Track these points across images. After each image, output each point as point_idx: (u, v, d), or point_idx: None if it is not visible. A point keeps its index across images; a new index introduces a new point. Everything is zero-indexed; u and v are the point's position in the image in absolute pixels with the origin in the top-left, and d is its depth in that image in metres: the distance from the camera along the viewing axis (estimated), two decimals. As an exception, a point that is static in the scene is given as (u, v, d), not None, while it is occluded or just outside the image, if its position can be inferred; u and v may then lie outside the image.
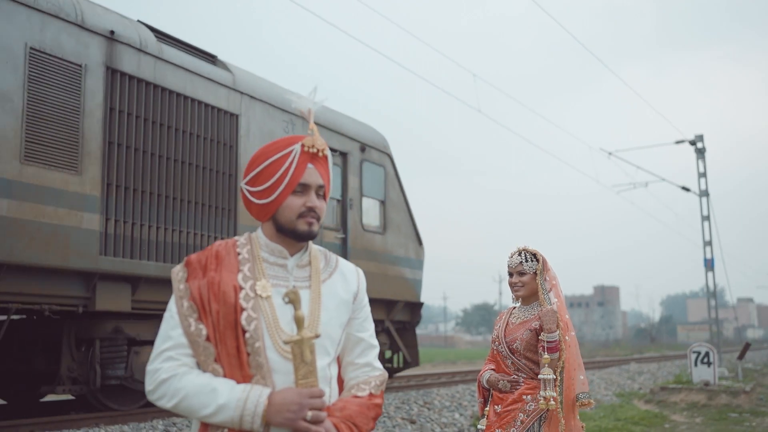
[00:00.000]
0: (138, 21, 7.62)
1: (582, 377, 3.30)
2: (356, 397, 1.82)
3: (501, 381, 3.28)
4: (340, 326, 1.84)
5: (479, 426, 3.36)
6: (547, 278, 3.35)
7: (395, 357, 11.25)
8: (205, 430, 1.72)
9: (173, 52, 7.58)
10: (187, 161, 7.54)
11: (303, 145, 1.78)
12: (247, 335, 1.71)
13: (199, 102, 7.77)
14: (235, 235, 7.55)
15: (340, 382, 1.90)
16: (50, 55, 6.30)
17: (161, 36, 7.63)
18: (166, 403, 1.71)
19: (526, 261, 3.36)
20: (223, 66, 8.47)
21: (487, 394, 3.39)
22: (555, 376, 3.11)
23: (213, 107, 7.97)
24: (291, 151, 1.78)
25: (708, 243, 20.14)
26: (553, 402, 3.06)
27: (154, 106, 7.21)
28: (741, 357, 15.72)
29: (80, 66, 6.52)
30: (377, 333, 10.60)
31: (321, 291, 1.83)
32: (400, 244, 11.23)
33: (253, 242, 1.85)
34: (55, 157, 6.27)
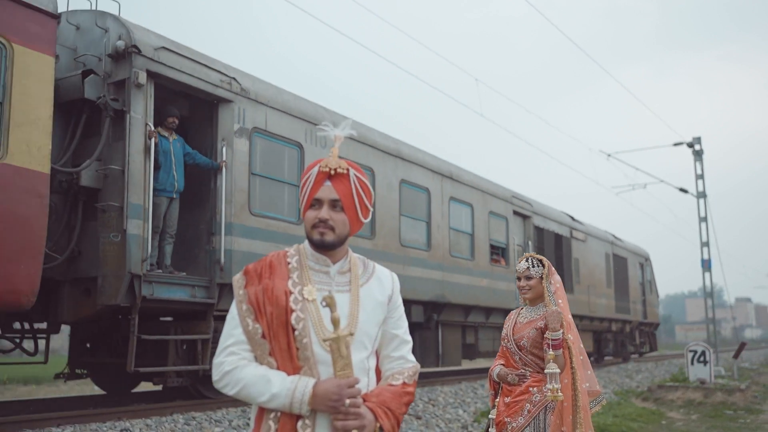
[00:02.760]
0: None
1: (589, 372, 3.64)
2: (391, 385, 2.07)
3: (510, 375, 3.62)
4: (376, 324, 2.10)
5: (490, 416, 3.69)
6: (552, 282, 3.69)
7: (645, 346, 23.96)
8: (263, 413, 1.99)
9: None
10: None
11: (319, 166, 2.06)
12: (296, 333, 1.98)
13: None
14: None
15: (378, 373, 2.15)
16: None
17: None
18: (229, 391, 2.01)
19: (533, 266, 3.70)
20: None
21: (497, 386, 3.73)
22: (559, 371, 3.43)
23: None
24: (311, 174, 2.07)
25: (705, 244, 20.41)
26: (560, 394, 3.38)
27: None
28: (737, 356, 15.99)
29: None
30: (645, 333, 23.89)
31: (359, 294, 2.08)
32: (655, 296, 25.02)
33: (301, 253, 2.12)
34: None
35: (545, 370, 3.43)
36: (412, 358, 2.20)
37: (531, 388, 3.55)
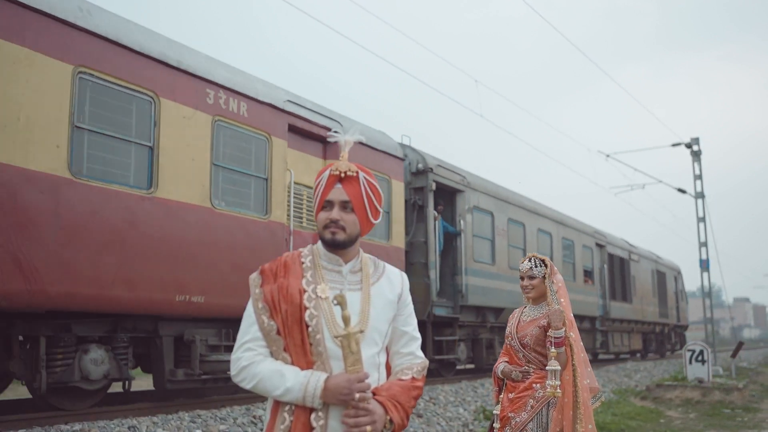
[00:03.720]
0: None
1: (589, 369, 3.74)
2: (401, 380, 2.16)
3: (514, 371, 3.73)
4: (386, 321, 2.18)
5: (494, 411, 3.79)
6: (554, 281, 3.78)
7: (677, 344, 28.01)
8: (278, 406, 2.08)
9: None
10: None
11: (330, 170, 2.15)
12: (310, 329, 2.06)
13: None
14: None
15: (389, 368, 2.23)
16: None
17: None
18: (246, 385, 2.09)
19: (536, 266, 3.80)
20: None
21: (501, 383, 3.84)
22: (561, 368, 3.53)
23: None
24: (322, 177, 2.16)
25: (704, 244, 20.50)
26: (559, 391, 3.48)
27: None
28: (734, 355, 16.10)
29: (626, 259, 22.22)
30: (678, 333, 28.30)
31: (370, 292, 2.16)
32: (685, 303, 29.36)
33: (314, 253, 2.21)
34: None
35: (547, 367, 3.54)
36: (420, 354, 2.27)
37: (534, 385, 3.65)
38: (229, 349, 7.23)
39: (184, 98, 7.14)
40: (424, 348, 12.86)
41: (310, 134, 9.00)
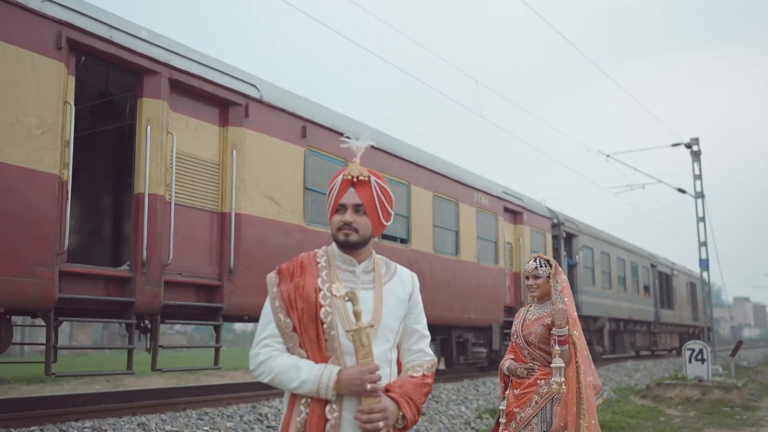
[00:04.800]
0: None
1: (592, 367, 3.85)
2: (412, 377, 2.25)
3: (519, 368, 3.83)
4: (398, 319, 2.27)
5: (500, 407, 3.90)
6: (559, 281, 3.88)
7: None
8: (294, 399, 2.18)
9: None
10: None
11: (343, 175, 2.25)
12: (325, 326, 2.15)
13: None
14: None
15: (399, 365, 2.32)
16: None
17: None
18: (264, 379, 2.19)
19: (541, 266, 3.90)
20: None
21: (507, 379, 3.94)
22: (565, 365, 3.63)
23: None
24: (336, 182, 2.26)
25: (703, 243, 20.58)
26: (564, 387, 3.58)
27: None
28: (734, 354, 16.19)
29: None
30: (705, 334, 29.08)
31: (382, 291, 2.26)
32: (710, 308, 31.33)
33: (329, 253, 2.31)
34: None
35: (551, 364, 3.64)
36: (430, 351, 2.36)
37: (539, 381, 3.75)
38: (479, 345, 13.33)
39: (466, 200, 12.82)
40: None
41: (509, 209, 14.69)
